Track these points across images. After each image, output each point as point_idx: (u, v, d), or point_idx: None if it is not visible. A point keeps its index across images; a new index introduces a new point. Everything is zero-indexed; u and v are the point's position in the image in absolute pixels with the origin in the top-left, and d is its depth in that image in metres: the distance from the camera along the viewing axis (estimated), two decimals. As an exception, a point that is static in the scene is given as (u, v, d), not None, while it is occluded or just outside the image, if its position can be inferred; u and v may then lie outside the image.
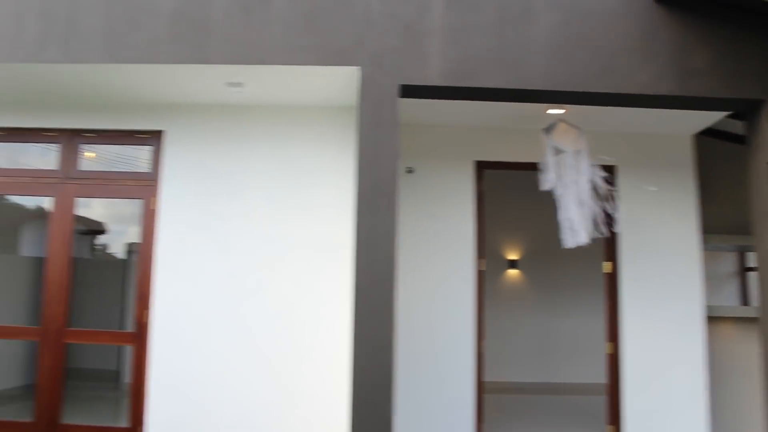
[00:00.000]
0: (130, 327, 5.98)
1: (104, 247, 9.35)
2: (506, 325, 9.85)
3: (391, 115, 4.74)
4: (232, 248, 5.64)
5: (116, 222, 8.23)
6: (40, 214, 7.14)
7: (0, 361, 6.93)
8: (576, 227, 5.39)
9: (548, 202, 5.66)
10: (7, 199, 6.34)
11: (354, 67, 4.84)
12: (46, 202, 6.55)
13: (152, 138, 5.89)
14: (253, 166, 5.72)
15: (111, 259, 9.36)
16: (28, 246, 7.91)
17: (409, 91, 4.86)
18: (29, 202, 7.06)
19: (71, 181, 5.95)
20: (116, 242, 9.22)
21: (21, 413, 6.18)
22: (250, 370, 5.50)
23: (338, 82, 5.15)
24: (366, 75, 4.80)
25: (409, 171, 6.22)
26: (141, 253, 5.80)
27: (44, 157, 6.19)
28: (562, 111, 5.62)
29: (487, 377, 7.11)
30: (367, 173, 4.68)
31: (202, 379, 5.52)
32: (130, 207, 7.26)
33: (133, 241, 8.97)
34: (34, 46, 5.04)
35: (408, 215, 6.04)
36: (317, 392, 5.46)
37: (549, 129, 5.66)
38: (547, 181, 5.50)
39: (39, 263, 7.30)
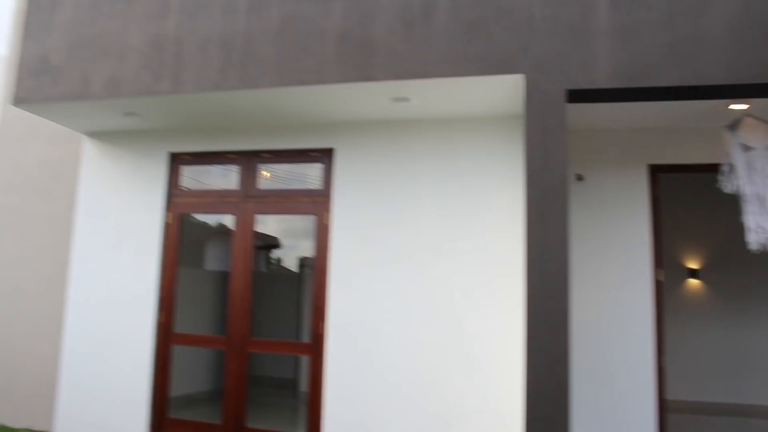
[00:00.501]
0: (306, 338, 6.28)
1: (278, 260, 9.95)
2: (689, 339, 9.20)
3: (558, 122, 4.62)
4: (402, 261, 5.76)
5: (288, 237, 8.70)
6: (221, 231, 7.74)
7: (190, 366, 7.55)
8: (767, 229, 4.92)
9: (730, 206, 5.22)
10: (192, 218, 6.93)
11: (518, 75, 4.79)
12: (227, 220, 7.08)
13: (323, 156, 6.19)
14: (420, 179, 5.82)
15: (285, 272, 9.93)
16: (211, 261, 8.59)
17: (577, 96, 4.71)
18: (211, 219, 7.65)
19: (251, 199, 6.40)
20: (289, 256, 9.76)
21: (209, 415, 6.70)
22: (420, 381, 5.58)
23: (502, 91, 5.11)
24: (530, 82, 4.72)
25: (579, 178, 6.01)
26: (316, 267, 6.08)
27: (225, 177, 6.71)
28: (745, 106, 5.17)
29: (669, 396, 6.67)
30: (536, 182, 4.59)
31: (374, 389, 5.68)
32: (301, 222, 7.66)
33: (305, 255, 9.47)
34: (216, 75, 5.50)
35: (579, 224, 5.83)
36: (488, 405, 5.42)
37: (733, 126, 5.22)
38: (733, 181, 5.08)
39: (221, 277, 7.91)
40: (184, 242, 6.74)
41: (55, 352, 7.09)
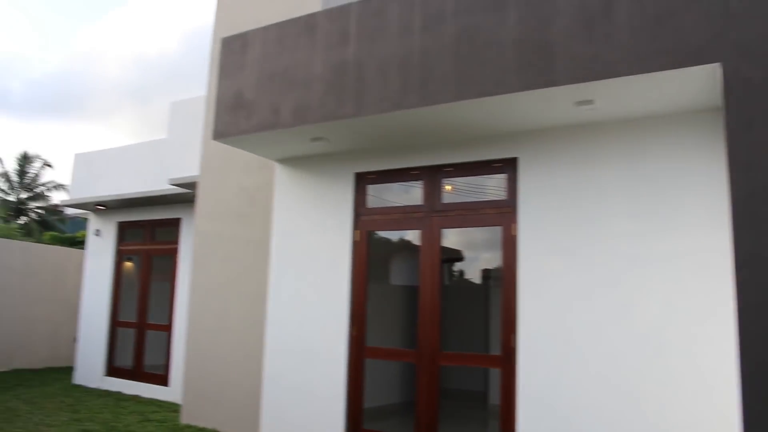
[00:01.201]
0: (495, 350, 6.25)
1: (461, 273, 10.02)
2: None
3: (764, 112, 4.24)
4: (593, 269, 5.58)
5: (469, 249, 8.73)
6: (404, 246, 7.95)
7: (381, 379, 7.80)
8: None
9: None
10: (376, 234, 7.19)
11: (714, 65, 4.47)
12: (410, 235, 7.28)
13: (506, 166, 6.19)
14: (610, 184, 5.61)
15: (468, 285, 9.98)
16: (396, 276, 8.85)
17: (787, 81, 4.30)
18: (394, 236, 7.88)
19: (436, 214, 6.55)
20: (470, 268, 9.80)
21: (402, 427, 6.87)
22: (618, 395, 5.33)
23: (695, 84, 4.81)
24: (729, 70, 4.39)
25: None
26: (504, 279, 6.07)
27: (406, 194, 6.91)
28: None
29: None
30: (741, 179, 4.25)
31: (569, 402, 5.52)
32: (482, 234, 7.66)
33: (487, 267, 9.46)
34: (397, 95, 5.71)
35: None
36: (694, 422, 5.03)
37: None
38: None
39: (406, 291, 8.12)
40: (370, 259, 7.01)
41: (259, 365, 7.66)
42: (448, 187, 6.61)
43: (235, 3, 9.31)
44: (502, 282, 6.11)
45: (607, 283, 5.50)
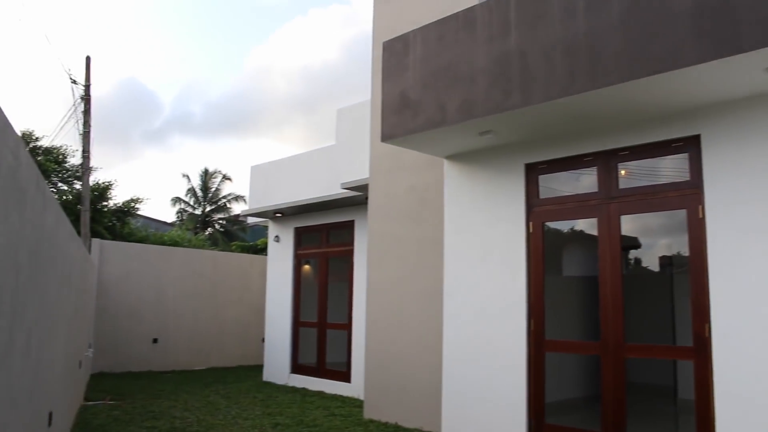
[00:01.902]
0: (683, 341, 5.93)
1: (636, 261, 9.59)
2: None
3: None
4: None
5: (645, 236, 8.35)
6: (575, 236, 7.77)
7: (562, 372, 7.65)
8: None
9: None
10: (546, 226, 7.06)
11: None
12: (581, 225, 7.10)
13: (688, 144, 5.87)
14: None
15: (646, 273, 9.53)
16: (568, 266, 8.65)
17: None
18: (563, 226, 7.71)
19: (613, 200, 6.35)
20: (647, 256, 9.35)
21: (586, 422, 6.71)
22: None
23: None
24: None
25: None
26: (691, 264, 5.76)
27: (577, 182, 6.75)
28: None
29: None
30: None
31: (777, 397, 5.09)
32: (657, 219, 7.30)
33: (666, 254, 8.99)
34: (564, 80, 5.62)
35: None
36: None
37: None
38: None
39: (581, 282, 7.93)
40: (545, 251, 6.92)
41: (438, 360, 7.83)
42: (622, 172, 6.37)
43: (392, 7, 9.58)
44: (689, 268, 5.78)
45: (816, 265, 5.02)
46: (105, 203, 20.06)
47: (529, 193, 7.02)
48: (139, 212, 22.37)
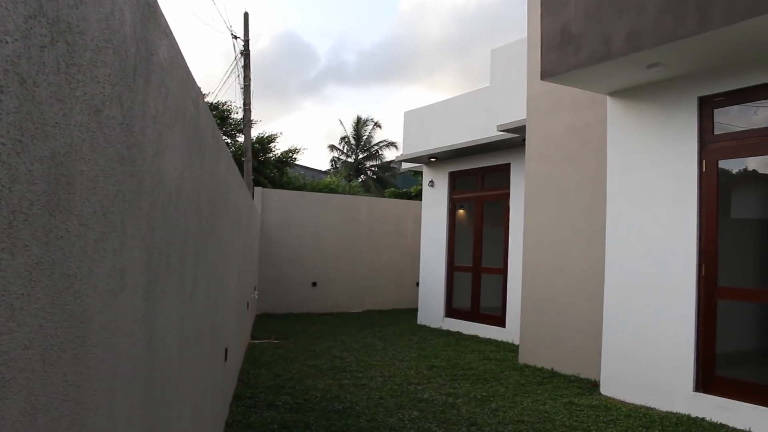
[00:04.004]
0: None
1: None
2: None
3: None
4: None
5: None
6: (748, 176, 7.19)
7: (734, 322, 7.22)
8: None
9: None
10: (719, 166, 6.61)
11: None
12: (752, 163, 6.57)
13: None
14: None
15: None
16: (739, 208, 8.04)
17: None
18: (734, 166, 7.15)
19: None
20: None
21: (763, 376, 6.32)
22: None
23: None
24: None
25: None
26: None
27: (751, 116, 6.23)
28: None
29: None
30: None
31: None
32: None
33: None
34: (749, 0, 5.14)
35: None
36: None
37: None
38: None
39: (754, 225, 7.33)
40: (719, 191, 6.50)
41: (598, 306, 7.68)
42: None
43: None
44: None
45: None
46: (267, 154, 21.19)
47: (702, 128, 6.58)
48: (296, 162, 23.43)
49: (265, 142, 20.96)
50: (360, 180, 37.05)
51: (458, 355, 9.66)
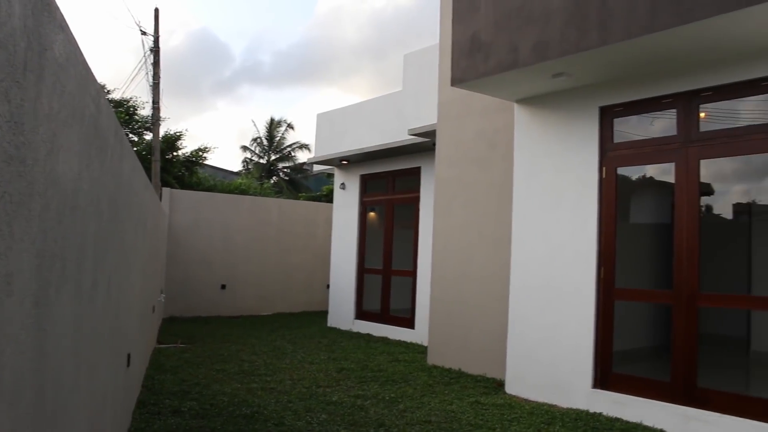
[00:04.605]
0: (758, 291, 5.76)
1: (708, 208, 9.25)
2: None
3: None
4: None
5: (719, 182, 8.05)
6: (646, 182, 7.55)
7: (630, 321, 7.56)
8: None
9: None
10: (618, 172, 6.87)
11: None
12: (652, 170, 6.89)
13: (778, 83, 5.56)
14: None
15: (718, 221, 9.20)
16: (637, 213, 8.45)
17: None
18: (633, 172, 7.47)
19: (693, 144, 6.14)
20: (720, 203, 9.01)
21: (654, 372, 6.63)
22: None
23: None
24: None
25: None
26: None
27: (652, 126, 6.54)
28: None
29: None
30: None
31: None
32: (732, 165, 7.02)
33: (741, 201, 8.65)
34: (646, 17, 5.41)
35: None
36: None
37: None
38: None
39: (652, 229, 7.74)
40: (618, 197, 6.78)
41: (503, 308, 7.85)
42: (702, 114, 6.12)
43: (465, -54, 9.34)
44: (774, 215, 5.57)
45: None
46: (175, 153, 20.58)
47: (603, 137, 6.84)
48: (206, 162, 22.88)
49: (172, 140, 20.34)
50: (272, 181, 36.60)
51: (368, 357, 9.65)
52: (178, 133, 20.63)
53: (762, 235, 5.62)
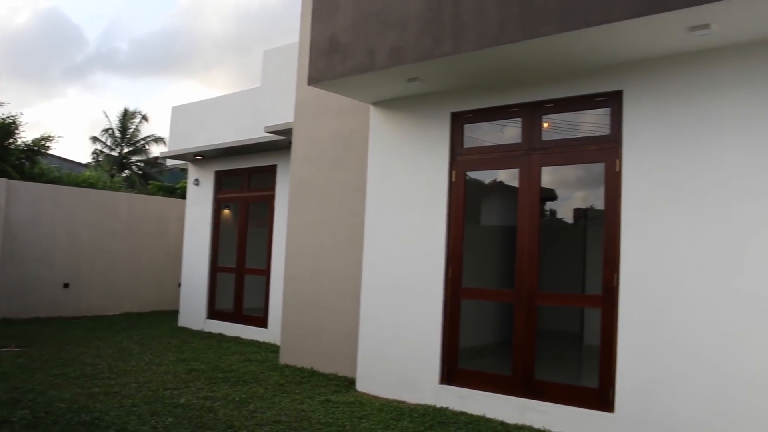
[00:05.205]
0: (592, 290, 6.12)
1: (552, 213, 9.82)
2: None
3: None
4: (703, 205, 5.28)
5: (562, 188, 8.53)
6: (496, 187, 7.84)
7: (478, 319, 7.82)
8: None
9: None
10: (468, 176, 7.09)
11: None
12: (502, 175, 7.15)
13: (610, 99, 5.95)
14: (725, 114, 5.25)
15: (560, 225, 9.79)
16: (488, 216, 8.77)
17: None
18: (484, 176, 7.74)
19: (535, 151, 6.40)
20: (563, 207, 9.59)
21: (498, 367, 6.88)
22: (726, 338, 5.09)
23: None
24: None
25: None
26: (606, 216, 5.90)
27: (502, 133, 6.78)
28: None
29: None
30: None
31: (673, 344, 5.34)
32: (575, 172, 7.46)
33: (581, 206, 9.25)
34: (496, 30, 5.57)
35: None
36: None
37: None
38: None
39: (500, 232, 8.06)
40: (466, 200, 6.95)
41: (355, 307, 7.82)
42: (545, 124, 6.42)
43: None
44: (604, 219, 5.93)
45: (718, 220, 5.21)
46: (11, 140, 18.81)
47: (453, 141, 6.99)
48: (50, 151, 21.16)
49: (7, 126, 18.55)
50: (124, 175, 34.64)
51: (219, 358, 9.30)
52: (12, 118, 18.85)
53: (595, 239, 5.98)
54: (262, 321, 11.56)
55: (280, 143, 10.88)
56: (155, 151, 35.64)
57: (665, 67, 5.60)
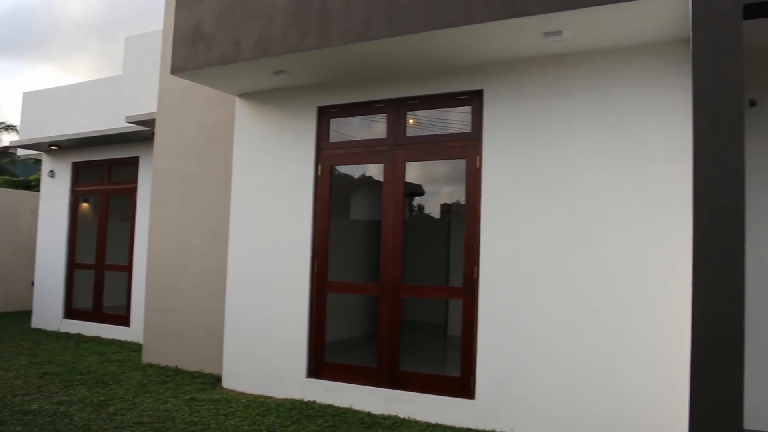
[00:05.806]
0: (456, 282, 6.24)
1: (420, 208, 9.96)
2: None
3: (732, 42, 4.14)
4: (555, 201, 5.53)
5: (430, 184, 8.65)
6: (364, 181, 7.82)
7: (345, 313, 7.76)
8: None
9: None
10: (337, 170, 7.03)
11: (682, -5, 4.36)
12: (370, 170, 7.13)
13: (472, 98, 6.05)
14: (575, 116, 5.52)
15: (427, 220, 9.95)
16: (356, 210, 8.74)
17: (756, 11, 4.21)
18: (354, 171, 7.71)
19: (400, 147, 6.40)
20: (430, 203, 9.74)
21: (364, 359, 6.86)
22: (576, 325, 5.37)
23: (665, 14, 4.70)
24: (698, 0, 4.27)
25: (752, 104, 5.45)
26: (467, 211, 5.99)
27: (369, 128, 6.75)
28: None
29: None
30: (705, 110, 4.17)
31: (529, 332, 5.56)
32: (443, 168, 7.58)
33: (447, 202, 9.44)
34: (362, 26, 5.49)
35: (751, 154, 5.26)
36: (648, 352, 5.10)
37: None
38: None
39: (367, 226, 8.06)
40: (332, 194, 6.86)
41: (221, 302, 7.52)
42: (410, 121, 6.46)
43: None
44: (465, 215, 6.04)
45: (569, 215, 5.46)
46: None
47: (319, 135, 6.86)
48: None
49: None
50: (-30, 165, 31.63)
51: (76, 359, 8.65)
52: None
53: (460, 233, 6.10)
54: (124, 319, 10.89)
55: (143, 134, 10.28)
56: (5, 140, 32.76)
57: (523, 69, 5.77)
